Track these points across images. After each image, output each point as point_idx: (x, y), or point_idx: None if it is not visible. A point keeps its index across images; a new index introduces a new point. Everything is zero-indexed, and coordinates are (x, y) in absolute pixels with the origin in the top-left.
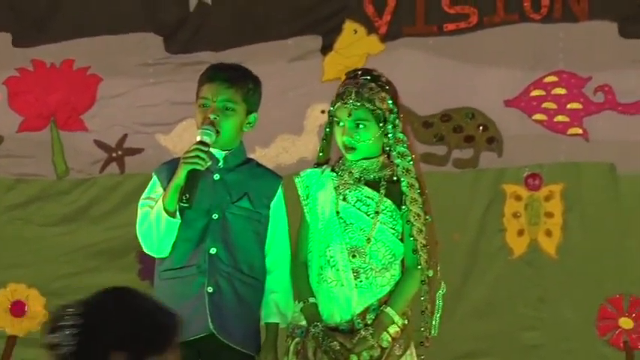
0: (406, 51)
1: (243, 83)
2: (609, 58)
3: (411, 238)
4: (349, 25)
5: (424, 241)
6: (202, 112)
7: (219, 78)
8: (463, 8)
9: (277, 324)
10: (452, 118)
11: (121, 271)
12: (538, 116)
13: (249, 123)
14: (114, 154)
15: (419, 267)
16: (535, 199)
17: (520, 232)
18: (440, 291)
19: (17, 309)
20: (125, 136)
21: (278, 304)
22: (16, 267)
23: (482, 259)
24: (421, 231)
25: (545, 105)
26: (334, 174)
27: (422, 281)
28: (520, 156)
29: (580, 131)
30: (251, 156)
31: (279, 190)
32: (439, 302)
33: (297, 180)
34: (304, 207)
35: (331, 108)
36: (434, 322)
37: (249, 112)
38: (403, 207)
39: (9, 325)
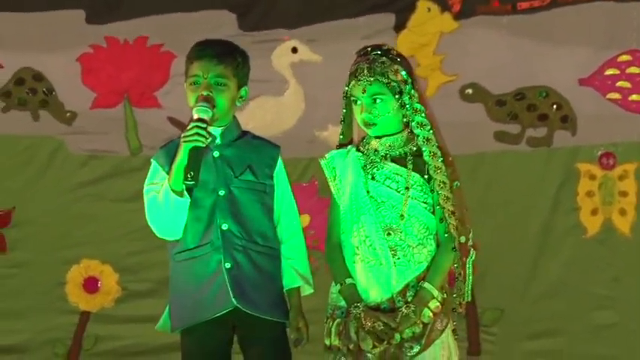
0: (480, 29)
1: (232, 58)
2: None
3: (438, 207)
4: (422, 3)
5: (452, 208)
6: (194, 90)
7: (207, 55)
8: None
9: (298, 288)
10: (526, 96)
11: None
12: (612, 95)
13: (241, 97)
14: None
15: (445, 235)
16: (609, 178)
17: (594, 211)
18: (470, 257)
19: (91, 285)
20: None
21: (297, 269)
22: (90, 243)
23: (556, 238)
24: (448, 198)
25: (619, 84)
26: (360, 154)
27: (452, 248)
28: (594, 135)
29: None
30: (324, 133)
31: (279, 159)
32: (469, 268)
33: (322, 162)
34: (332, 188)
35: (346, 88)
36: (466, 288)
37: (240, 86)
38: (425, 176)
39: (82, 301)
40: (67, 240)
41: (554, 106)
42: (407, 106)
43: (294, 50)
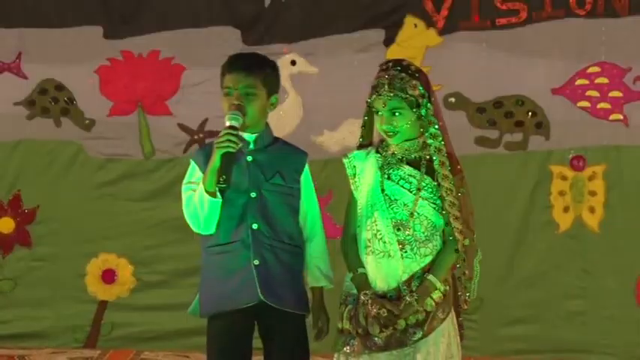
0: (462, 44)
1: (261, 69)
2: None
3: (444, 212)
4: (410, 20)
5: (457, 213)
6: (227, 100)
7: (237, 67)
8: (514, 4)
9: (322, 287)
10: (503, 104)
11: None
12: (582, 103)
13: (271, 104)
14: (195, 137)
15: (450, 237)
16: (579, 179)
17: (566, 209)
18: (476, 257)
19: (108, 276)
20: (206, 120)
21: (320, 268)
22: (107, 239)
23: (531, 234)
24: (453, 204)
25: (588, 93)
26: (378, 155)
27: (455, 250)
28: (566, 139)
29: (621, 117)
30: (320, 138)
31: (306, 165)
32: (477, 268)
33: (345, 160)
34: (352, 185)
35: (368, 100)
36: (472, 286)
37: (269, 95)
38: (434, 183)
39: (100, 291)
40: (87, 235)
41: (530, 114)
42: (423, 117)
43: (293, 63)
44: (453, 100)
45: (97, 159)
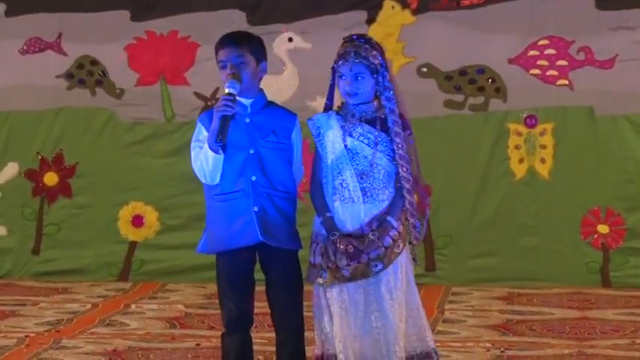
0: (432, 22)
1: (247, 41)
2: (588, 25)
3: (395, 162)
4: (388, 3)
5: (406, 164)
6: (223, 72)
7: (228, 43)
8: None
9: None
10: (467, 72)
11: None
12: (534, 71)
13: (262, 70)
14: (209, 103)
15: (398, 185)
16: (532, 135)
17: (520, 160)
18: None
19: (137, 221)
20: (217, 88)
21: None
22: (136, 189)
23: (492, 181)
24: (403, 156)
25: (539, 62)
26: (339, 116)
27: (401, 195)
28: (520, 102)
29: (566, 82)
30: (313, 103)
31: (297, 123)
32: (426, 210)
33: (309, 122)
34: (317, 143)
35: (335, 65)
36: (422, 227)
37: (258, 62)
38: (388, 138)
39: (131, 233)
40: (119, 187)
41: (490, 80)
42: (380, 83)
43: (290, 40)
44: (424, 69)
45: (127, 122)
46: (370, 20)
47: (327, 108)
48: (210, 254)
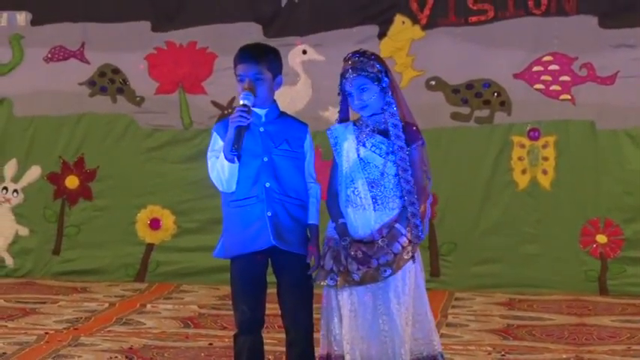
0: (441, 37)
1: (265, 57)
2: (591, 43)
3: (395, 164)
4: (398, 18)
5: (409, 178)
6: (240, 85)
7: (247, 58)
8: (483, 5)
9: (317, 225)
10: (474, 86)
11: None
12: (538, 86)
13: (277, 83)
14: (225, 112)
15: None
16: (535, 147)
17: (523, 171)
18: (427, 201)
19: (154, 224)
20: (234, 98)
21: (315, 208)
22: (154, 193)
23: (496, 191)
24: (406, 170)
25: (543, 77)
26: (356, 127)
27: (401, 197)
28: (524, 115)
29: (569, 97)
30: (325, 113)
31: (308, 133)
32: (428, 210)
33: (327, 132)
34: (334, 152)
35: (340, 86)
36: (423, 226)
37: (274, 76)
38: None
39: (148, 236)
40: (137, 190)
41: (495, 94)
42: (385, 89)
43: (304, 52)
44: (433, 82)
45: (146, 129)
46: (381, 34)
47: (343, 121)
48: (226, 259)
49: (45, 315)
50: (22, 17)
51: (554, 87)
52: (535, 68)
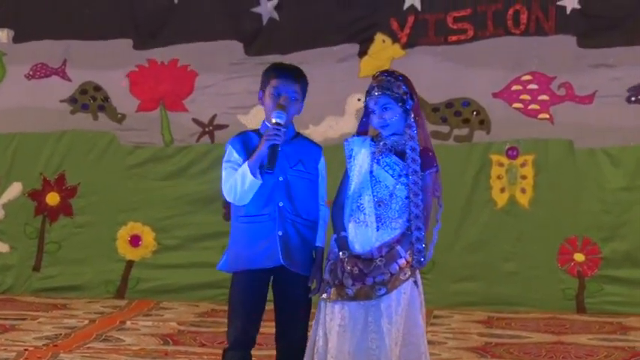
0: (421, 56)
1: (303, 79)
2: (570, 62)
3: (408, 188)
4: (379, 37)
5: (418, 202)
6: (274, 99)
7: (288, 75)
8: (463, 24)
9: (323, 248)
10: (453, 105)
11: (211, 214)
12: (516, 105)
13: (301, 108)
14: (206, 129)
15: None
16: (513, 166)
17: (502, 190)
18: (434, 227)
19: (134, 241)
20: (215, 116)
21: (322, 230)
22: (134, 210)
23: (474, 209)
24: (417, 194)
25: (522, 96)
26: (373, 143)
27: (408, 219)
28: (503, 133)
29: (547, 116)
30: (306, 131)
31: (322, 155)
32: (434, 236)
33: (345, 143)
34: (348, 164)
35: (365, 103)
36: (426, 251)
37: (303, 99)
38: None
39: (128, 253)
40: (118, 207)
41: (474, 113)
42: (408, 111)
43: None
44: None
45: (127, 146)
46: (362, 53)
47: (361, 134)
48: (229, 272)
49: (24, 331)
50: (4, 34)
51: (532, 106)
52: (514, 87)
